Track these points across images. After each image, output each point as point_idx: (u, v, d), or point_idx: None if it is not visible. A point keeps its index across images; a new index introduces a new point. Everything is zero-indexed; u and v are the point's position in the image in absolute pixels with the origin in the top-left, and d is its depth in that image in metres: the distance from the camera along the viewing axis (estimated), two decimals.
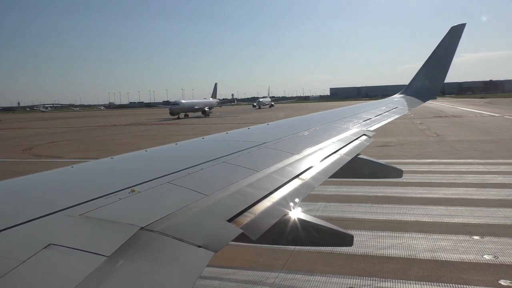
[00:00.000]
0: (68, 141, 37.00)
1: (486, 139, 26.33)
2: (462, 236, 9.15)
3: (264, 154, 3.57)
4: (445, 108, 68.40)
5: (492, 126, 35.81)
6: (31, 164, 24.12)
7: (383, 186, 13.39)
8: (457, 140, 26.07)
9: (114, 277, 1.40)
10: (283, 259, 8.12)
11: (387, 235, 9.44)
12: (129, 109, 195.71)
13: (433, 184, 14.15)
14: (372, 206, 11.67)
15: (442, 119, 46.47)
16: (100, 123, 69.23)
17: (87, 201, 2.00)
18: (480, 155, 19.86)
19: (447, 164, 18.37)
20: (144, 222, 1.80)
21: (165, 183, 2.41)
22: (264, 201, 2.44)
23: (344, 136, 4.97)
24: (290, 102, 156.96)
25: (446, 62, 9.81)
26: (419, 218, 10.60)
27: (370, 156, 4.89)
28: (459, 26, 9.49)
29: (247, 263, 8.19)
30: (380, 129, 6.27)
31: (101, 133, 46.83)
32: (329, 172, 3.46)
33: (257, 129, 5.49)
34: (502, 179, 14.54)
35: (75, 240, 1.61)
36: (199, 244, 1.75)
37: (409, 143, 25.58)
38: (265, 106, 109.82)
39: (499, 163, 17.78)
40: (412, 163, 18.38)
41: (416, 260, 8.02)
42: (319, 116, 7.75)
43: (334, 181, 12.11)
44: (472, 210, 11.02)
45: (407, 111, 9.15)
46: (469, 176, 15.25)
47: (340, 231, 2.84)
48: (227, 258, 8.03)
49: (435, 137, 28.72)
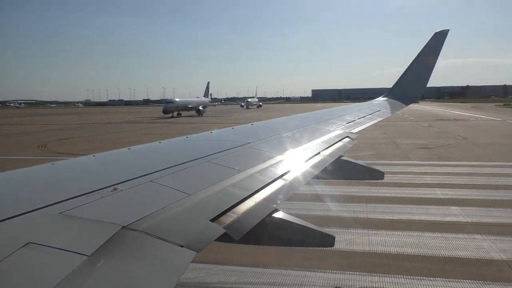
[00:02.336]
0: (77, 139, 35.19)
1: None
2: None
3: (248, 154, 3.58)
4: (438, 112, 68.92)
5: (507, 130, 36.56)
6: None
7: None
8: (493, 143, 26.07)
9: (94, 277, 1.39)
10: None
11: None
12: (110, 107, 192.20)
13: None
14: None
15: (450, 122, 46.12)
16: (92, 120, 67.18)
17: (68, 199, 1.97)
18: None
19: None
20: (126, 221, 1.79)
21: (148, 182, 2.39)
22: (248, 201, 2.45)
23: (328, 138, 5.02)
24: (277, 103, 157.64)
25: (429, 66, 9.99)
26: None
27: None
28: (442, 32, 9.67)
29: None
30: (395, 131, 6.35)
31: (104, 130, 44.99)
32: (312, 173, 3.49)
33: (242, 129, 5.49)
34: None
35: (55, 238, 1.59)
36: (182, 243, 1.75)
37: (448, 146, 25.22)
38: (253, 106, 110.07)
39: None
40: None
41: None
42: (303, 117, 7.79)
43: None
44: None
45: (390, 114, 9.27)
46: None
47: (322, 232, 2.87)
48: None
49: (466, 140, 28.30)
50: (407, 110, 66.96)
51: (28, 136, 38.89)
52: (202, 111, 75.86)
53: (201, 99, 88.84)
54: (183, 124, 53.47)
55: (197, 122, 55.45)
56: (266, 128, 5.80)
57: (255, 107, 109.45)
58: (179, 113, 73.24)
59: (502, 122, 46.08)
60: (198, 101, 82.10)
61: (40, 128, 50.67)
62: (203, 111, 75.90)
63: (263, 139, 4.25)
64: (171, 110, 70.94)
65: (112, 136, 37.48)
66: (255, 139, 4.12)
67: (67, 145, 30.70)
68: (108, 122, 61.85)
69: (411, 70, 10.25)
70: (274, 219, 2.60)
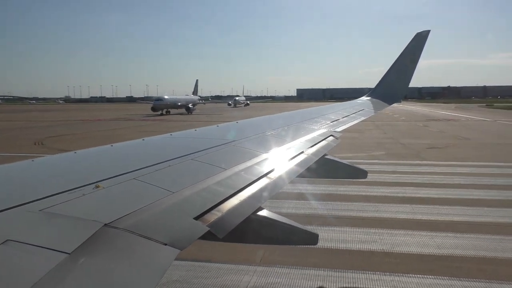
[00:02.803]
0: (70, 136, 34.05)
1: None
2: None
3: (232, 152, 3.57)
4: (425, 112, 69.41)
5: (500, 130, 37.05)
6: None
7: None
8: (497, 143, 26.33)
9: (75, 275, 1.36)
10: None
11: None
12: (92, 104, 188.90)
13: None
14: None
15: (442, 122, 46.27)
16: (81, 117, 65.53)
17: (49, 196, 1.93)
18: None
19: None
20: (108, 219, 1.76)
21: (131, 179, 2.37)
22: (232, 199, 2.44)
23: (312, 137, 5.05)
24: (264, 102, 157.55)
25: (411, 66, 10.15)
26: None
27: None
28: (423, 33, 9.84)
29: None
30: (395, 130, 6.38)
31: (96, 128, 43.50)
32: (297, 171, 3.51)
33: (226, 127, 5.48)
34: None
35: (35, 236, 1.55)
36: (165, 241, 1.73)
37: (456, 145, 25.20)
38: (241, 104, 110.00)
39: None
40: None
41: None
42: (287, 115, 7.82)
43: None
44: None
45: (373, 113, 9.38)
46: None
47: (306, 230, 2.89)
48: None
49: (468, 140, 28.36)
50: (395, 109, 66.99)
51: (16, 133, 37.69)
52: (192, 109, 75.04)
53: (190, 97, 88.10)
54: (176, 122, 52.34)
55: (189, 120, 54.54)
56: (251, 126, 5.80)
57: (242, 106, 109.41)
58: (167, 111, 72.28)
59: (493, 122, 46.66)
60: (187, 99, 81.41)
61: (25, 125, 48.91)
62: (193, 109, 75.14)
63: (248, 137, 4.25)
64: (160, 108, 70.09)
65: (108, 134, 36.37)
66: (240, 137, 4.12)
67: (61, 143, 29.45)
68: (97, 119, 60.56)
69: (393, 70, 10.40)
70: (258, 217, 2.60)
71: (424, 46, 9.86)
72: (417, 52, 9.96)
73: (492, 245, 8.88)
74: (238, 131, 5.00)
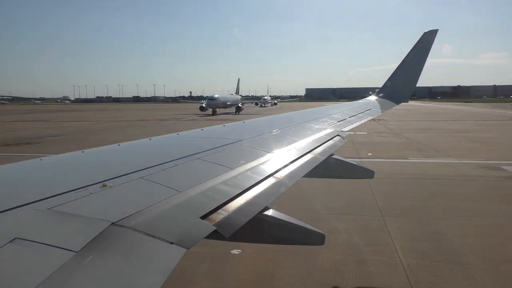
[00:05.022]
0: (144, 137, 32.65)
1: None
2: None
3: (239, 152, 3.57)
4: (476, 111, 66.66)
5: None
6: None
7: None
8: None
9: (82, 273, 1.37)
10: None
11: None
12: (100, 104, 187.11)
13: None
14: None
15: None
16: (126, 117, 64.22)
17: (57, 195, 1.94)
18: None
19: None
20: (115, 218, 1.77)
21: (138, 179, 2.38)
22: (238, 199, 2.44)
23: (319, 136, 5.03)
24: (292, 101, 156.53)
25: (419, 66, 10.07)
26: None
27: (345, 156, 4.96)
28: (431, 32, 9.76)
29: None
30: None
31: (173, 127, 41.37)
32: (303, 171, 3.49)
33: (233, 126, 5.48)
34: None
35: (43, 234, 1.57)
36: (171, 240, 1.74)
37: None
38: (268, 104, 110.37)
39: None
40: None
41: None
42: (293, 115, 7.81)
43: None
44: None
45: (380, 112, 9.34)
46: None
47: (312, 229, 2.88)
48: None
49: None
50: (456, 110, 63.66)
51: (112, 134, 36.09)
52: (241, 108, 74.64)
53: (234, 96, 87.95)
54: (235, 121, 50.80)
55: (244, 120, 53.11)
56: (257, 126, 5.80)
57: (269, 105, 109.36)
58: (214, 111, 71.49)
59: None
60: (234, 98, 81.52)
61: (99, 125, 46.60)
62: (242, 108, 74.69)
63: (254, 137, 4.25)
64: (213, 107, 69.82)
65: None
66: (246, 137, 4.12)
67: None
68: (158, 119, 59.19)
69: (400, 69, 10.33)
70: (264, 217, 2.60)
71: (432, 45, 9.78)
72: (425, 51, 9.88)
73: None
74: (244, 131, 5.00)
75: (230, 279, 7.57)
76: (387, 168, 17.38)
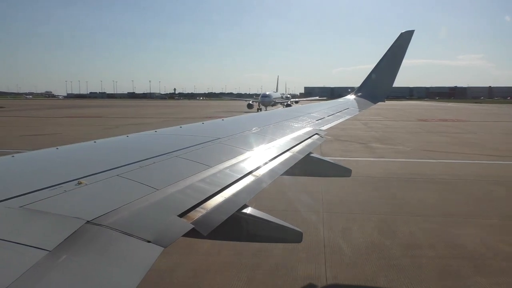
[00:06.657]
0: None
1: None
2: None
3: (217, 149, 3.56)
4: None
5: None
6: None
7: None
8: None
9: (55, 273, 1.34)
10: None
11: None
12: (92, 100, 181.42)
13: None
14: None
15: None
16: (158, 114, 61.25)
17: (30, 192, 1.89)
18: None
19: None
20: (91, 216, 1.73)
21: (114, 176, 2.34)
22: (217, 197, 2.44)
23: (298, 135, 5.07)
24: (311, 100, 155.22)
25: (395, 66, 10.25)
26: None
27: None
28: (408, 33, 9.96)
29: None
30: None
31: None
32: (282, 169, 3.51)
33: (212, 124, 5.46)
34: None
35: (14, 233, 1.52)
36: (148, 239, 1.72)
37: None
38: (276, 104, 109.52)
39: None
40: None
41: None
42: (272, 114, 7.84)
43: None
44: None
45: (357, 112, 9.47)
46: None
47: (290, 227, 2.90)
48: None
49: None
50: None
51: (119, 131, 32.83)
52: (291, 106, 74.04)
53: (279, 93, 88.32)
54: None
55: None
56: (236, 124, 5.79)
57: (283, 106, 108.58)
58: (259, 109, 70.61)
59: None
60: (279, 96, 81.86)
61: (145, 120, 43.68)
62: (291, 106, 73.99)
63: (233, 134, 4.25)
64: (266, 104, 69.78)
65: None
66: (225, 135, 4.11)
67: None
68: (184, 117, 54.79)
69: (378, 70, 10.49)
70: (243, 215, 2.60)
71: (408, 45, 9.97)
72: (402, 52, 10.07)
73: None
74: (223, 129, 4.99)
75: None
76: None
